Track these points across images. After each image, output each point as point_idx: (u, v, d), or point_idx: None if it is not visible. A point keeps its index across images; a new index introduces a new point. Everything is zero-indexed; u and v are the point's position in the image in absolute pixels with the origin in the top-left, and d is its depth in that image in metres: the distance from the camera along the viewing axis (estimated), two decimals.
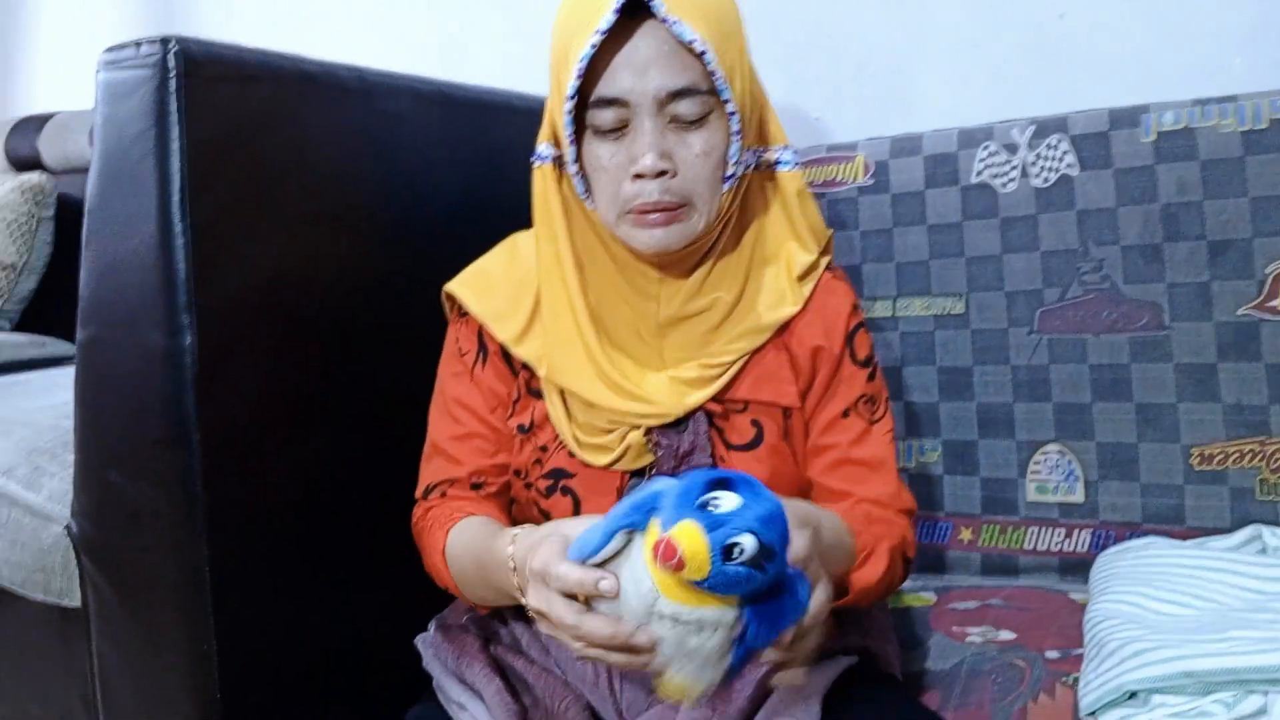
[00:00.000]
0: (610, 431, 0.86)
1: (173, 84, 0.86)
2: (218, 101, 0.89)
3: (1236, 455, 1.10)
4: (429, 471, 0.94)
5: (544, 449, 0.89)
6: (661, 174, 0.80)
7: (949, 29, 1.38)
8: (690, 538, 0.59)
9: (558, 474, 0.88)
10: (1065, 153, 1.20)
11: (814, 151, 1.34)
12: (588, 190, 0.84)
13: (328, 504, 0.97)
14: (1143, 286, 1.15)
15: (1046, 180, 1.21)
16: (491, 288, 0.92)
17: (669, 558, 0.59)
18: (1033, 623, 1.04)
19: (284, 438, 0.96)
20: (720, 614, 0.62)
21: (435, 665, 0.90)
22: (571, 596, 0.66)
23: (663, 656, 0.63)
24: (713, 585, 0.60)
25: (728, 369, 0.87)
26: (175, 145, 0.86)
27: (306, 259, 0.99)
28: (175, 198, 0.86)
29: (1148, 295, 1.15)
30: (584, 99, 0.80)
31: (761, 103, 0.88)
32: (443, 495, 0.92)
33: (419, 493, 0.95)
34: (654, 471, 0.86)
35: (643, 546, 0.64)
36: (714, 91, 0.80)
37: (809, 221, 0.91)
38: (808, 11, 1.46)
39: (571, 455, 0.87)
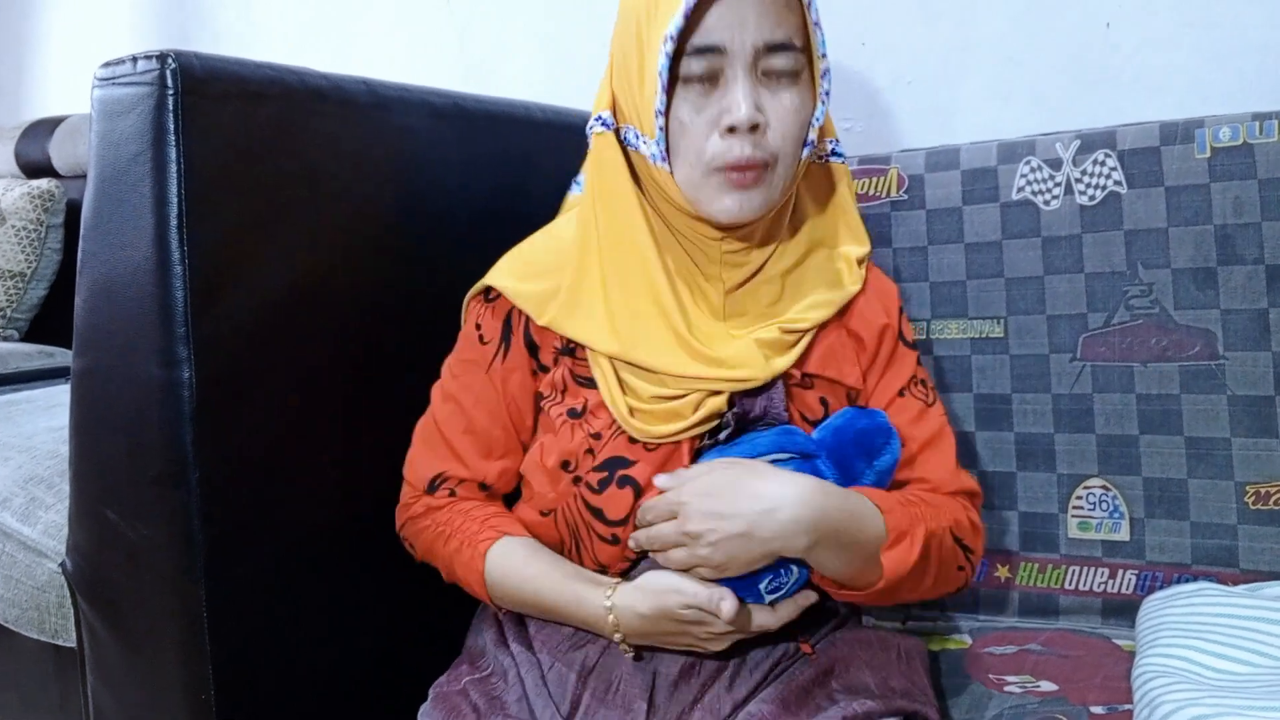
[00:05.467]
0: (678, 398, 0.82)
1: (171, 102, 0.81)
2: (220, 120, 0.85)
3: None
4: (431, 458, 0.90)
5: (596, 436, 0.84)
6: (754, 128, 0.76)
7: (990, 40, 1.32)
8: None
9: (614, 464, 0.83)
10: (1112, 169, 1.13)
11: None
12: (666, 153, 0.79)
13: (332, 543, 0.92)
14: (1195, 313, 1.09)
15: (1092, 198, 1.14)
16: (536, 272, 0.88)
17: None
18: (1075, 672, 0.98)
19: (288, 473, 0.91)
20: None
21: None
22: None
23: None
24: None
25: (802, 337, 0.85)
26: (173, 168, 0.81)
27: (314, 285, 0.93)
28: (173, 223, 0.81)
29: (1200, 322, 1.09)
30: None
31: None
32: (451, 494, 0.90)
33: (422, 485, 0.90)
34: (718, 437, 0.83)
35: None
36: (804, 49, 0.78)
37: (857, 215, 0.92)
38: (842, 19, 1.40)
39: (632, 441, 0.82)
